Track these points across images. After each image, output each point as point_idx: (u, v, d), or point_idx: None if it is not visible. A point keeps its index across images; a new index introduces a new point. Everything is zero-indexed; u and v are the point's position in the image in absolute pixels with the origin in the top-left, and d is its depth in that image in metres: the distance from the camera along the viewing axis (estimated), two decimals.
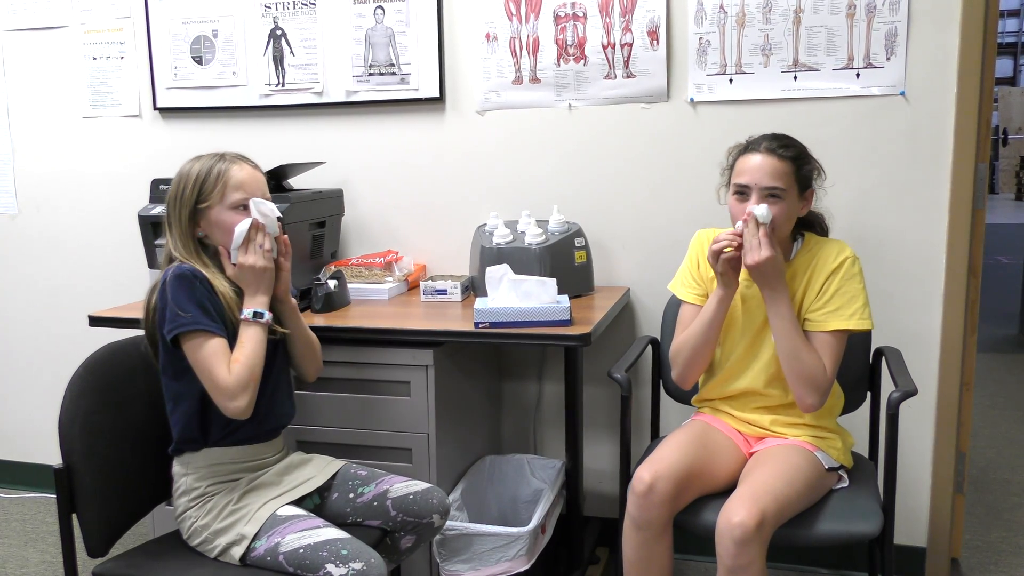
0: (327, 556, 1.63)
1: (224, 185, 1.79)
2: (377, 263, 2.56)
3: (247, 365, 1.72)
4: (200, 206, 1.79)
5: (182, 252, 1.79)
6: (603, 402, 2.69)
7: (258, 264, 1.77)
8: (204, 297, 1.73)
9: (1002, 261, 8.33)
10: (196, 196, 1.78)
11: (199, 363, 1.70)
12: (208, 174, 1.79)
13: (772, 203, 1.85)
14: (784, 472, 1.79)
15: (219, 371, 1.69)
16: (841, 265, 1.90)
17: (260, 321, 1.76)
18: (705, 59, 2.43)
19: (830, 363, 1.88)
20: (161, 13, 2.86)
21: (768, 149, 1.88)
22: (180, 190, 1.80)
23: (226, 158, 1.83)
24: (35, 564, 2.75)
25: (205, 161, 1.82)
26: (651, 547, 1.82)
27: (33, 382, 3.28)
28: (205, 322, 1.70)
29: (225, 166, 1.80)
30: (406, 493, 1.88)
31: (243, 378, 1.70)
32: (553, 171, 2.61)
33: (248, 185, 1.81)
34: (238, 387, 1.70)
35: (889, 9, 2.28)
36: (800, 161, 1.89)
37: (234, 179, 1.79)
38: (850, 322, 1.88)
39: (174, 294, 1.70)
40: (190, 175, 1.80)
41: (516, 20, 2.56)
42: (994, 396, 4.30)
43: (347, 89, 2.73)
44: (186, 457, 1.80)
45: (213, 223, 1.79)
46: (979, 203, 2.34)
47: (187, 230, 1.80)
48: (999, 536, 2.80)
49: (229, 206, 1.79)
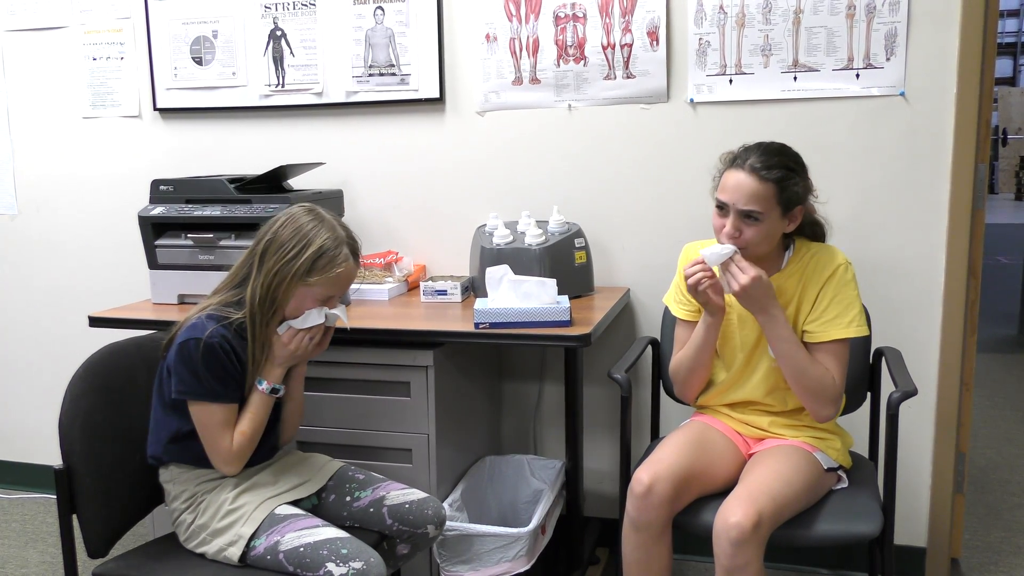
0: (327, 555, 1.64)
1: (330, 277, 1.76)
2: (377, 264, 2.56)
3: (250, 437, 1.77)
4: (309, 278, 1.75)
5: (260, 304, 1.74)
6: (603, 402, 2.69)
7: (298, 353, 1.80)
8: (226, 369, 1.73)
9: (1002, 261, 8.33)
10: (308, 270, 1.74)
11: (204, 428, 1.74)
12: (324, 254, 1.74)
13: (749, 224, 1.82)
14: (782, 473, 1.79)
15: (222, 440, 1.74)
16: (835, 273, 1.89)
17: (274, 396, 1.81)
18: (705, 60, 2.43)
19: (837, 372, 1.88)
20: (161, 14, 2.86)
21: (752, 168, 1.80)
22: (295, 249, 1.74)
23: (343, 245, 1.77)
24: (35, 564, 2.75)
25: (327, 235, 1.75)
26: (650, 548, 1.82)
27: (33, 382, 3.28)
28: (218, 391, 1.73)
29: (340, 257, 1.76)
30: (402, 502, 1.88)
31: (244, 448, 1.77)
32: (553, 172, 2.61)
33: (344, 287, 1.82)
34: (237, 456, 1.76)
35: (889, 10, 2.28)
36: (784, 182, 1.80)
37: (340, 277, 1.78)
38: (848, 330, 1.87)
39: (196, 364, 1.71)
40: (311, 242, 1.74)
41: (516, 21, 2.56)
42: (994, 396, 4.30)
43: (347, 90, 2.73)
44: (168, 469, 1.82)
45: (293, 296, 1.77)
46: (979, 203, 2.34)
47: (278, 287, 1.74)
48: (999, 536, 2.81)
49: (319, 297, 1.78)
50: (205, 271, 2.38)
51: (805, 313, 1.91)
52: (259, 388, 1.79)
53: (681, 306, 2.05)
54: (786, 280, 1.93)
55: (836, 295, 1.88)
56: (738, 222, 1.83)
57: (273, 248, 1.75)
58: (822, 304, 1.89)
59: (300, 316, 1.78)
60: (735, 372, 1.99)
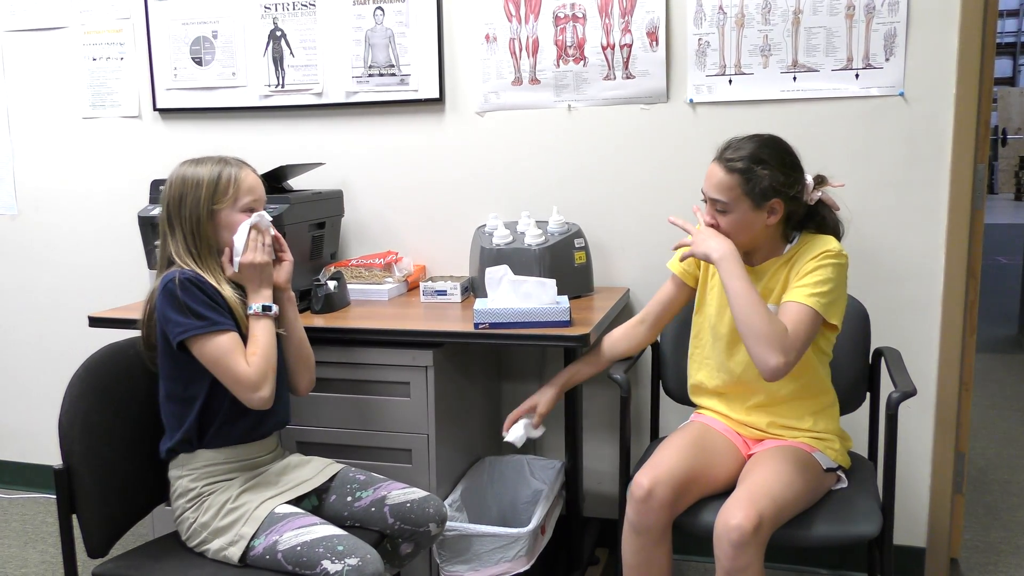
0: (323, 552, 1.64)
1: (237, 189, 1.83)
2: (377, 264, 2.56)
3: (264, 356, 1.76)
4: (214, 207, 1.81)
5: (190, 254, 1.80)
6: (603, 403, 2.69)
7: (259, 260, 1.83)
8: (210, 293, 1.76)
9: (1001, 261, 8.34)
10: (212, 194, 1.81)
11: (217, 361, 1.73)
12: (219, 177, 1.83)
13: (721, 214, 1.88)
14: (782, 474, 1.79)
15: (239, 366, 1.73)
16: (821, 253, 1.86)
17: (269, 314, 1.81)
18: (704, 60, 2.43)
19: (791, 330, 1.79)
20: (161, 14, 2.86)
21: (722, 159, 1.87)
22: (191, 192, 1.82)
23: (231, 163, 1.86)
24: (35, 564, 2.75)
25: (211, 166, 1.85)
26: (650, 552, 1.82)
27: (33, 383, 3.28)
28: (216, 320, 1.73)
29: (234, 171, 1.85)
30: (403, 501, 1.88)
31: (262, 368, 1.75)
32: (553, 172, 2.61)
33: (256, 190, 1.88)
34: (260, 377, 1.74)
35: (888, 10, 2.28)
36: (748, 174, 1.82)
37: (245, 184, 1.85)
38: (809, 300, 1.80)
39: (180, 299, 1.72)
40: (200, 178, 1.83)
41: (515, 21, 2.56)
42: (993, 396, 4.30)
43: (347, 90, 2.73)
44: (180, 459, 1.80)
45: (223, 225, 1.83)
46: (978, 203, 2.34)
47: (199, 231, 1.81)
48: (998, 536, 2.81)
49: (240, 209, 1.84)
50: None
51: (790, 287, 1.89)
52: (251, 312, 1.80)
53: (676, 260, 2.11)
54: (781, 266, 1.92)
55: (814, 269, 1.84)
56: (712, 210, 1.90)
57: (173, 208, 1.83)
58: (800, 274, 1.86)
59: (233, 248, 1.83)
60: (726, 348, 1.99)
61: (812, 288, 1.82)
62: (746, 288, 1.80)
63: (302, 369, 1.96)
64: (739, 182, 1.84)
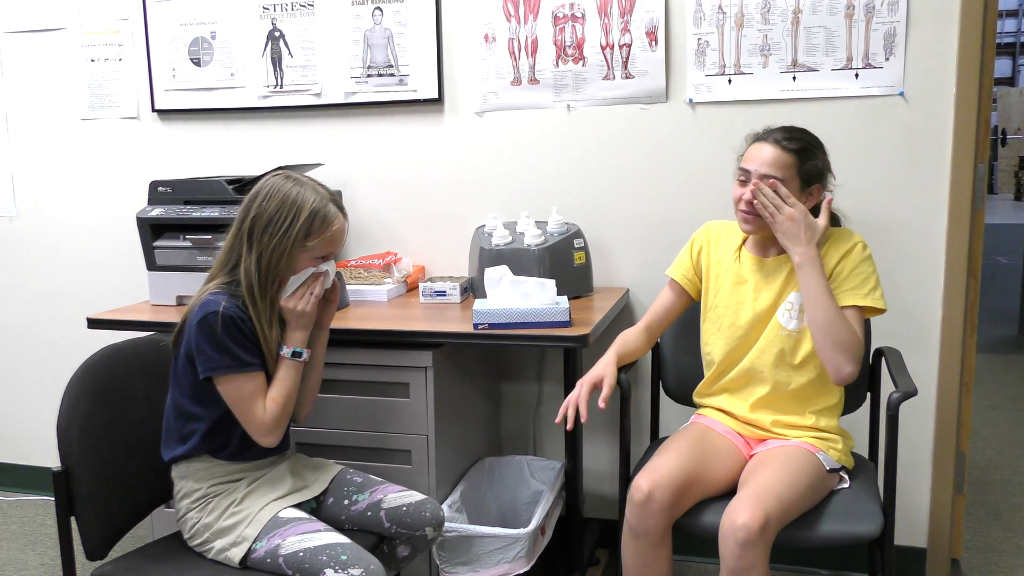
0: (326, 561, 1.63)
1: (326, 236, 1.77)
2: (376, 264, 2.56)
3: (282, 404, 1.77)
4: (307, 242, 1.75)
5: (259, 281, 1.75)
6: None
7: (301, 308, 1.79)
8: (244, 335, 1.73)
9: (1001, 262, 8.33)
10: (306, 234, 1.75)
11: (238, 403, 1.74)
12: (318, 215, 1.75)
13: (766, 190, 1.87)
14: (787, 474, 1.79)
15: (256, 410, 1.74)
16: (853, 248, 1.92)
17: (299, 359, 1.80)
18: (704, 60, 2.43)
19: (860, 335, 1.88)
20: (159, 15, 2.86)
21: (775, 140, 1.91)
22: (288, 218, 1.74)
23: (329, 203, 1.78)
24: (34, 567, 2.75)
25: (313, 196, 1.77)
26: (650, 555, 1.82)
27: (32, 384, 3.28)
28: (246, 361, 1.72)
29: (332, 214, 1.78)
30: (399, 504, 1.87)
31: (277, 416, 1.76)
32: (552, 172, 2.60)
33: (340, 242, 1.82)
34: (273, 424, 1.75)
35: (888, 9, 2.28)
36: (804, 156, 1.90)
37: (336, 233, 1.79)
38: (867, 299, 1.88)
39: (218, 335, 1.70)
40: (302, 207, 1.75)
41: (514, 21, 2.56)
42: (994, 396, 4.30)
43: (345, 90, 2.73)
44: (185, 463, 1.80)
45: (296, 264, 1.78)
46: (978, 203, 2.34)
47: (279, 260, 1.75)
48: (999, 537, 2.80)
49: (316, 256, 1.79)
50: (204, 272, 2.33)
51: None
52: (283, 354, 1.79)
53: (679, 268, 2.11)
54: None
55: (855, 268, 1.90)
56: (757, 185, 1.89)
57: (261, 223, 1.75)
58: (841, 275, 1.90)
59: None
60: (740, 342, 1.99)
61: (865, 287, 1.89)
62: (826, 295, 1.84)
63: (308, 401, 1.95)
64: (795, 161, 1.88)
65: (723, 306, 2.02)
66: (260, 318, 1.75)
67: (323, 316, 1.89)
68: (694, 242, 2.11)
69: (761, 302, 1.97)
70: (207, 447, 1.78)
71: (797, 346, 1.94)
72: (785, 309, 1.94)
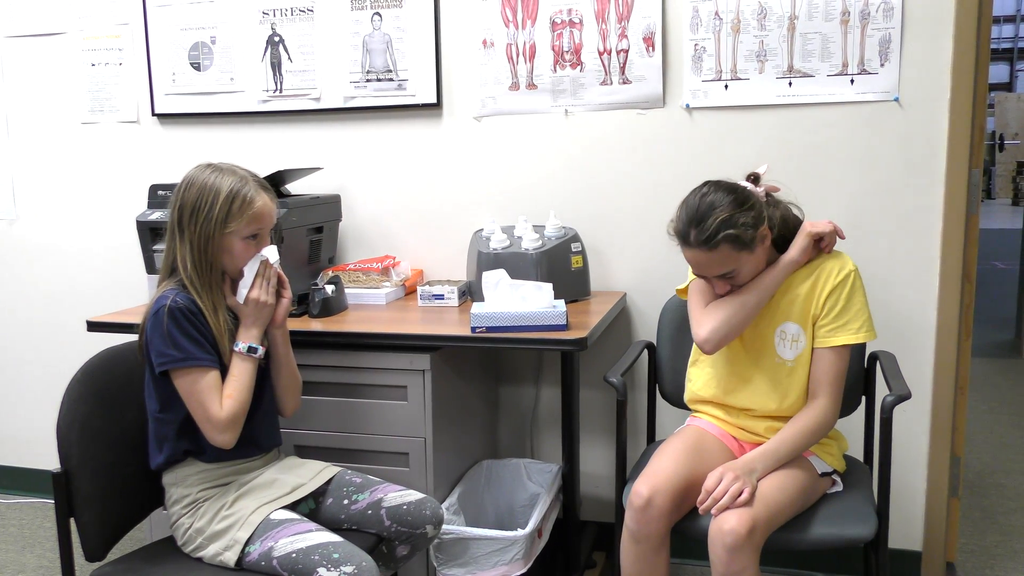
0: (318, 560, 1.64)
1: (249, 215, 1.78)
2: (374, 268, 2.57)
3: (238, 400, 1.75)
4: (227, 229, 1.77)
5: (194, 269, 1.76)
6: (599, 406, 2.69)
7: (264, 299, 1.81)
8: (198, 330, 1.74)
9: (998, 266, 8.35)
10: (226, 216, 1.76)
11: (191, 397, 1.72)
12: (236, 196, 1.76)
13: (733, 277, 1.86)
14: (776, 478, 1.80)
15: (212, 407, 1.72)
16: (847, 278, 1.88)
17: (253, 356, 1.80)
18: (700, 65, 2.45)
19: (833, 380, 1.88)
20: (159, 20, 2.88)
21: (699, 243, 1.81)
22: (207, 203, 1.75)
23: (249, 183, 1.80)
24: (33, 569, 2.75)
25: (231, 179, 1.78)
26: (649, 559, 1.82)
27: (31, 387, 3.29)
28: (199, 357, 1.72)
29: (252, 193, 1.78)
30: (400, 503, 1.88)
31: (233, 412, 1.74)
32: (549, 177, 2.62)
33: (267, 219, 1.82)
34: (228, 422, 1.73)
35: (883, 16, 2.30)
36: (733, 238, 1.79)
37: (257, 210, 1.79)
38: (858, 335, 1.88)
39: (166, 329, 1.70)
40: (219, 190, 1.76)
41: (513, 26, 2.57)
42: (990, 400, 4.31)
43: (345, 95, 2.74)
44: (174, 469, 1.81)
45: (224, 248, 1.79)
46: (973, 208, 2.35)
47: (207, 246, 1.77)
48: (994, 540, 2.81)
49: (244, 236, 1.79)
50: None
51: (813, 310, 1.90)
52: (236, 349, 1.78)
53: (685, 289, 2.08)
54: (792, 280, 1.92)
55: (848, 302, 1.88)
56: (723, 281, 1.89)
57: (186, 214, 1.77)
58: (835, 308, 1.88)
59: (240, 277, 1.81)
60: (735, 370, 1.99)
61: (857, 322, 1.88)
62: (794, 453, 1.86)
63: (289, 396, 1.96)
64: (731, 248, 1.81)
65: None
66: (207, 309, 1.76)
67: (278, 314, 1.87)
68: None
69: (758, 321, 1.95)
70: (183, 449, 1.78)
71: (792, 374, 1.93)
72: (780, 339, 1.94)
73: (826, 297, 1.89)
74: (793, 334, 1.92)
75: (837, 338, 1.88)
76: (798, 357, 1.92)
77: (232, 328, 1.82)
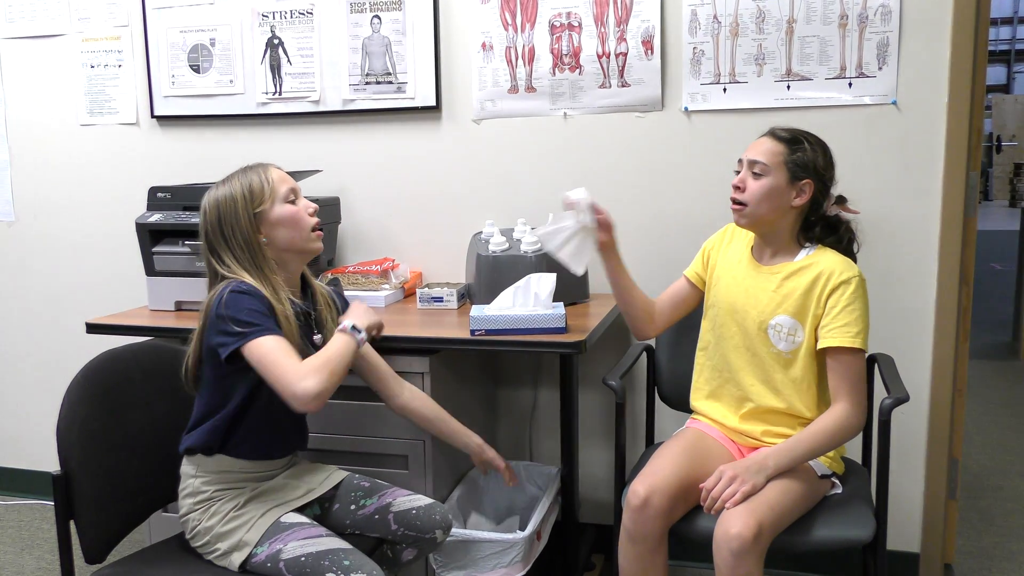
0: (328, 566, 1.64)
1: (271, 184, 1.79)
2: (374, 270, 2.57)
3: (326, 366, 1.63)
4: (257, 211, 1.77)
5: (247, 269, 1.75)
6: (598, 409, 2.70)
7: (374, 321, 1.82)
8: (267, 305, 1.71)
9: (996, 268, 8.36)
10: (251, 204, 1.77)
11: (266, 360, 1.62)
12: (251, 184, 1.79)
13: (754, 177, 1.90)
14: (779, 482, 1.79)
15: (290, 364, 1.61)
16: (851, 281, 1.87)
17: (356, 336, 1.73)
18: (699, 68, 2.45)
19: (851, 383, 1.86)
20: (159, 22, 2.88)
21: (772, 131, 1.95)
22: (230, 209, 1.76)
23: (252, 167, 1.83)
24: (32, 571, 2.75)
25: (237, 178, 1.80)
26: (647, 560, 1.83)
27: (31, 389, 3.29)
28: (268, 326, 1.66)
29: (260, 171, 1.81)
30: (409, 508, 1.88)
31: (318, 368, 1.61)
32: (548, 179, 2.62)
33: (289, 180, 1.83)
34: (314, 371, 1.60)
35: (881, 19, 2.30)
36: (793, 145, 1.90)
37: (276, 179, 1.81)
38: (855, 340, 1.86)
39: (237, 306, 1.67)
40: (233, 194, 1.78)
41: (512, 30, 2.58)
42: (988, 403, 4.32)
43: (344, 98, 2.75)
44: (197, 458, 1.79)
45: (274, 223, 1.78)
46: (970, 211, 2.36)
47: (250, 243, 1.76)
48: (992, 542, 2.82)
49: (283, 200, 1.79)
50: (202, 278, 2.37)
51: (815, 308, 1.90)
52: (345, 326, 1.72)
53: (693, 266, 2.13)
54: (796, 273, 1.92)
55: (849, 304, 1.87)
56: (746, 174, 1.92)
57: (214, 234, 1.78)
58: (835, 309, 1.87)
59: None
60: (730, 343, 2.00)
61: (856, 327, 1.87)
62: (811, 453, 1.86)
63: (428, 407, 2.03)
64: (783, 150, 1.89)
65: (719, 306, 2.04)
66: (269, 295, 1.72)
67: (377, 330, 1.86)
68: (709, 240, 2.13)
69: (753, 309, 1.97)
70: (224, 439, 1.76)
71: (789, 366, 1.93)
72: (775, 329, 1.94)
73: (828, 295, 1.89)
74: (788, 328, 1.92)
75: (836, 339, 1.86)
76: (795, 351, 1.92)
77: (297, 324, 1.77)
